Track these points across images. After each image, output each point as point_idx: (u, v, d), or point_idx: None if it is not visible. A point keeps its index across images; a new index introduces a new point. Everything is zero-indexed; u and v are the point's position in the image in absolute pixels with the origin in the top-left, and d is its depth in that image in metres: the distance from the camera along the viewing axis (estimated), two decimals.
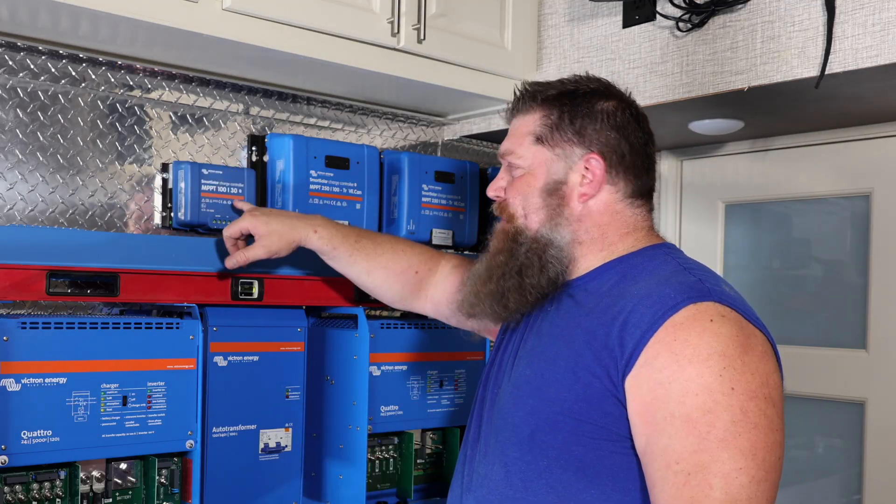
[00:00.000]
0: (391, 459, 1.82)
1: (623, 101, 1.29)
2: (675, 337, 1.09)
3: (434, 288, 1.59)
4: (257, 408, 1.65)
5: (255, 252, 1.53)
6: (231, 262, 1.55)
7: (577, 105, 1.27)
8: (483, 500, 1.24)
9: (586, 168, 1.25)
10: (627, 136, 1.27)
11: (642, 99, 1.85)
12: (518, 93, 1.32)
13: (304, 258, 1.68)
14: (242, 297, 1.61)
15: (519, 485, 1.20)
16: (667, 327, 1.10)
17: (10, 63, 1.61)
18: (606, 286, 1.23)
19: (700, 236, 2.46)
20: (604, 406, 1.13)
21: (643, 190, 1.29)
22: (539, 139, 1.27)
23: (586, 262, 1.27)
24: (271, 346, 1.67)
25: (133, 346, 1.47)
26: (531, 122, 1.29)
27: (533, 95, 1.30)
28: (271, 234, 1.54)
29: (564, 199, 1.26)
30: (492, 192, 1.35)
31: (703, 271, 1.21)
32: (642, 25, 1.88)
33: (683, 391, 1.07)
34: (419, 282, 1.59)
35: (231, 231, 1.55)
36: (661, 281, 1.17)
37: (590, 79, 1.31)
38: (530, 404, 1.21)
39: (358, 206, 1.85)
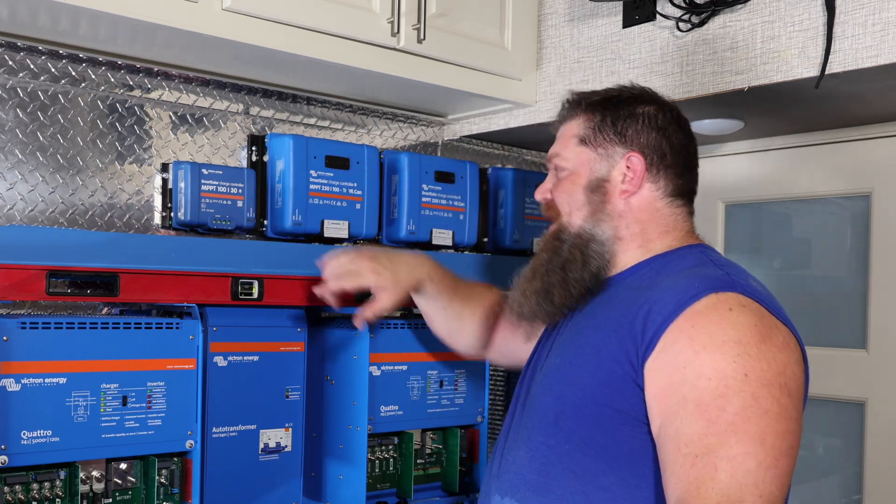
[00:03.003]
0: (391, 459, 1.82)
1: (665, 105, 1.36)
2: (692, 324, 1.12)
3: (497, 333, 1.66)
4: (257, 408, 1.65)
5: (384, 307, 1.58)
6: (362, 323, 1.59)
7: (619, 108, 1.33)
8: (508, 484, 1.28)
9: (627, 166, 1.30)
10: (668, 136, 1.32)
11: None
12: (565, 101, 1.40)
13: (303, 258, 1.68)
14: (242, 297, 1.61)
15: (541, 469, 1.23)
16: (686, 315, 1.13)
17: (10, 63, 1.61)
18: (639, 281, 1.27)
19: (700, 236, 2.45)
20: (624, 391, 1.16)
21: (684, 190, 1.35)
22: (583, 140, 1.34)
23: (625, 258, 1.32)
24: (271, 346, 1.67)
25: (133, 346, 1.47)
26: (576, 125, 1.35)
27: (578, 102, 1.37)
28: (397, 283, 1.58)
29: (607, 195, 1.31)
30: (539, 194, 1.41)
31: (732, 267, 1.24)
32: (642, 25, 1.88)
33: (697, 375, 1.09)
34: (496, 325, 1.66)
35: (350, 286, 1.58)
36: (687, 273, 1.21)
37: (633, 86, 1.38)
38: (557, 390, 1.25)
39: (358, 206, 1.85)
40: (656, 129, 1.32)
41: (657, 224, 1.32)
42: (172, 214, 1.72)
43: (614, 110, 1.33)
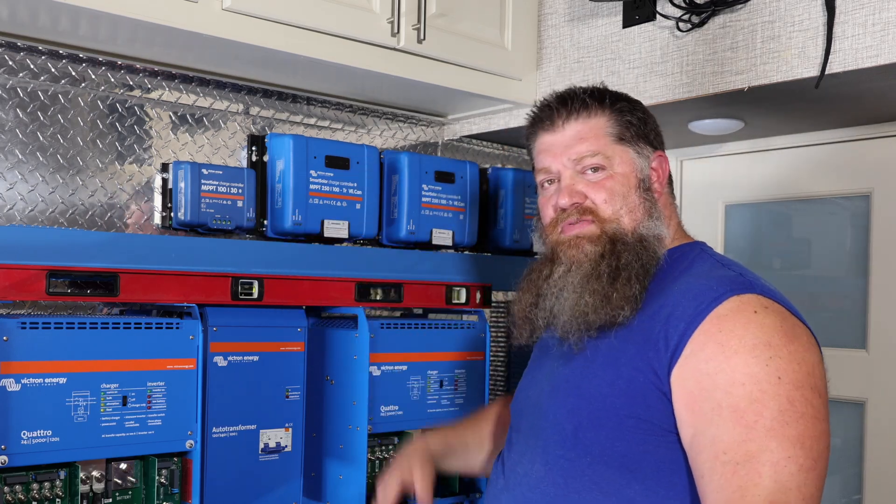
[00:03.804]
0: (391, 459, 1.82)
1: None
2: (720, 328, 1.10)
3: None
4: (257, 408, 1.65)
5: (422, 488, 1.47)
6: None
7: (632, 105, 1.31)
8: (522, 497, 1.24)
9: (653, 167, 1.30)
10: (662, 133, 1.35)
11: (642, 99, 1.85)
12: (579, 97, 1.29)
13: (303, 258, 1.68)
14: (242, 297, 1.61)
15: (561, 482, 1.20)
16: (711, 319, 1.11)
17: (10, 63, 1.61)
18: (650, 283, 1.24)
19: (700, 236, 2.45)
20: (648, 400, 1.14)
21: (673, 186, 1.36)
22: (621, 138, 1.27)
23: None
24: (271, 346, 1.66)
25: (133, 346, 1.47)
26: (602, 123, 1.27)
27: (600, 97, 1.29)
28: (411, 462, 1.51)
29: (654, 194, 1.29)
30: (568, 197, 1.26)
31: (739, 267, 1.23)
32: (642, 25, 1.88)
33: (730, 381, 1.07)
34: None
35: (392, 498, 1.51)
36: (700, 276, 1.19)
37: (606, 88, 1.35)
38: (571, 402, 1.22)
39: (358, 206, 1.85)
40: (657, 127, 1.34)
41: (671, 221, 1.32)
42: (172, 214, 1.72)
43: (630, 107, 1.30)
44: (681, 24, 1.81)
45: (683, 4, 1.78)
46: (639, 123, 1.29)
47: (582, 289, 1.23)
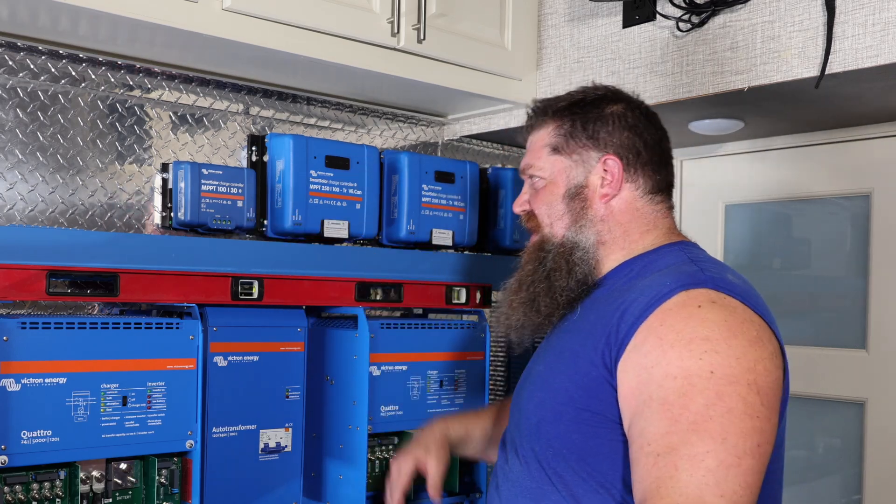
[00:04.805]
0: (391, 459, 1.82)
1: (632, 103, 1.34)
2: (661, 322, 1.11)
3: None
4: (257, 408, 1.65)
5: (433, 474, 1.56)
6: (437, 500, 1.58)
7: (587, 111, 1.32)
8: (508, 493, 1.28)
9: (604, 170, 1.29)
10: (640, 133, 1.31)
11: (643, 99, 1.85)
12: (530, 111, 1.38)
13: (303, 258, 1.68)
14: (242, 297, 1.61)
15: (533, 475, 1.23)
16: (657, 314, 1.12)
17: (10, 63, 1.61)
18: (619, 283, 1.26)
19: (700, 236, 2.45)
20: (599, 393, 1.16)
21: (662, 185, 1.33)
22: (555, 149, 1.32)
23: (609, 262, 1.31)
24: (271, 346, 1.66)
25: (133, 346, 1.47)
26: (545, 135, 1.34)
27: (544, 110, 1.35)
28: (426, 447, 1.59)
29: (587, 201, 1.30)
30: (518, 207, 1.39)
31: (710, 262, 1.23)
32: (642, 25, 1.88)
33: (664, 375, 1.08)
34: None
35: (404, 481, 1.58)
36: (664, 272, 1.20)
37: (597, 87, 1.36)
38: (539, 396, 1.25)
39: (358, 206, 1.85)
40: (628, 127, 1.31)
41: (639, 224, 1.31)
42: (172, 214, 1.72)
43: (583, 114, 1.32)
44: (681, 24, 1.81)
45: (683, 4, 1.78)
46: (587, 131, 1.30)
47: (511, 301, 1.35)
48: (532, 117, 1.37)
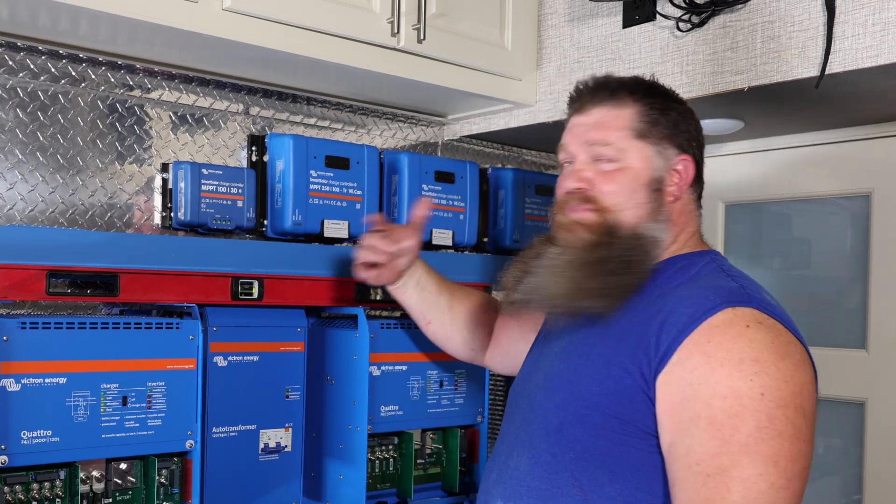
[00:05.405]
0: (391, 459, 1.82)
1: (685, 102, 1.32)
2: (709, 339, 1.09)
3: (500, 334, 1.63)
4: (257, 408, 1.65)
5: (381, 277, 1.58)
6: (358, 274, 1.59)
7: (668, 103, 1.28)
8: (510, 491, 1.25)
9: (675, 169, 1.26)
10: (701, 137, 1.30)
11: None
12: (600, 83, 1.29)
13: (303, 258, 1.68)
14: (242, 297, 1.61)
15: (544, 476, 1.20)
16: (702, 329, 1.10)
17: (10, 63, 1.61)
18: (651, 287, 1.23)
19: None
20: (633, 402, 1.14)
21: (702, 193, 1.33)
22: (641, 135, 1.25)
23: None
24: (271, 346, 1.67)
25: (133, 346, 1.47)
26: (627, 115, 1.26)
27: (619, 87, 1.27)
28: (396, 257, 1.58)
29: (663, 196, 1.26)
30: (574, 180, 1.26)
31: (744, 279, 1.21)
32: (642, 25, 1.88)
33: (712, 393, 1.07)
34: (489, 323, 1.64)
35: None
36: (702, 285, 1.18)
37: (654, 80, 1.32)
38: (560, 397, 1.22)
39: (358, 206, 1.85)
40: (696, 129, 1.29)
41: (687, 229, 1.29)
42: (172, 214, 1.72)
43: (663, 105, 1.27)
44: (681, 25, 1.81)
45: (683, 4, 1.78)
46: (668, 123, 1.26)
47: (561, 273, 1.23)
48: (613, 91, 1.27)
